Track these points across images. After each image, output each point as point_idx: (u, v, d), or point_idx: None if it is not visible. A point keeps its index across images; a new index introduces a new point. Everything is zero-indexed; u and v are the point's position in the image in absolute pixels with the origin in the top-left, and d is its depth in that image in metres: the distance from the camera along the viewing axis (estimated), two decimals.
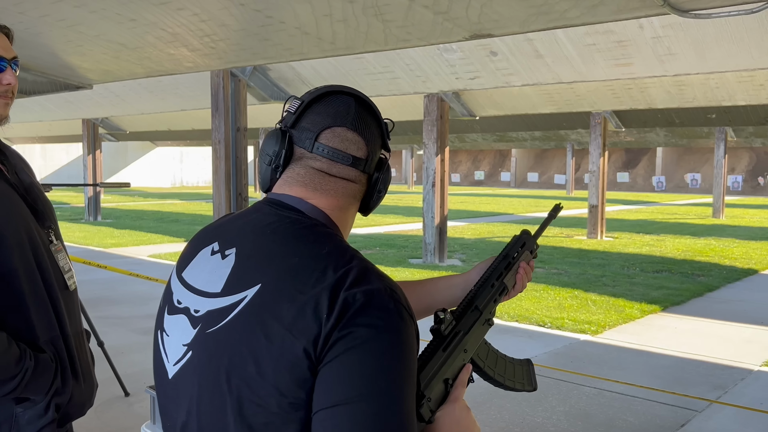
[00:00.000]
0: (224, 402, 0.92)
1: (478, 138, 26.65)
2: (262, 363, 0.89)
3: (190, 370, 0.97)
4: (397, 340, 0.90)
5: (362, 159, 1.05)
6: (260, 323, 0.91)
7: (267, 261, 0.96)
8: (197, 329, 0.97)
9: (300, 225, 1.00)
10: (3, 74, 1.52)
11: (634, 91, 9.80)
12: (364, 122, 1.06)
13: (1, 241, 1.43)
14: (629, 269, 10.22)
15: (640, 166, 44.06)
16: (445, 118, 10.45)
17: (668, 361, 5.53)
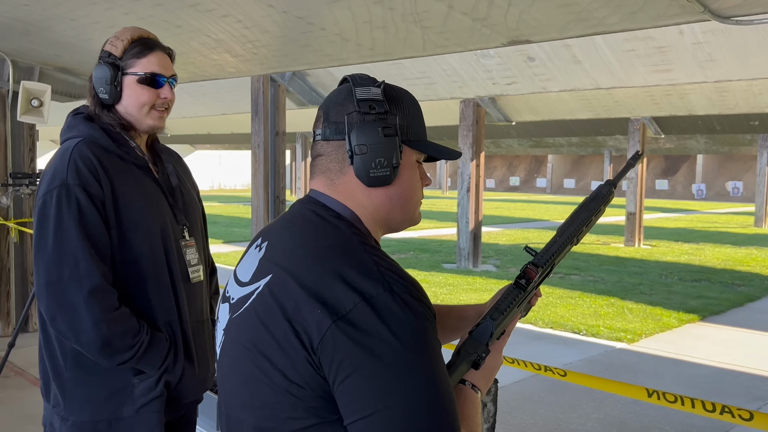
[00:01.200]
0: (243, 379, 1.00)
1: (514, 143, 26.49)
2: (266, 349, 0.96)
3: (222, 353, 1.08)
4: (410, 333, 0.91)
5: (320, 130, 1.08)
6: (267, 311, 0.98)
7: (280, 253, 1.03)
8: (230, 315, 1.07)
9: (315, 217, 1.05)
10: (161, 89, 1.73)
11: (674, 98, 9.67)
12: (332, 97, 1.09)
13: (136, 229, 1.64)
14: (667, 278, 10.07)
15: (680, 174, 43.24)
16: (481, 123, 10.45)
17: (706, 371, 5.45)
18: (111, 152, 1.68)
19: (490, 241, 14.29)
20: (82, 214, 1.58)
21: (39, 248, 1.60)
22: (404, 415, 0.89)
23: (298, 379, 0.93)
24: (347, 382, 0.90)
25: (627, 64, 6.42)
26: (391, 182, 1.06)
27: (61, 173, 1.61)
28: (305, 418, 0.95)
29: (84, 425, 1.64)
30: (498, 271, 10.53)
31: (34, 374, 4.97)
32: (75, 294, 1.55)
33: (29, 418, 4.13)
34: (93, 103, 1.74)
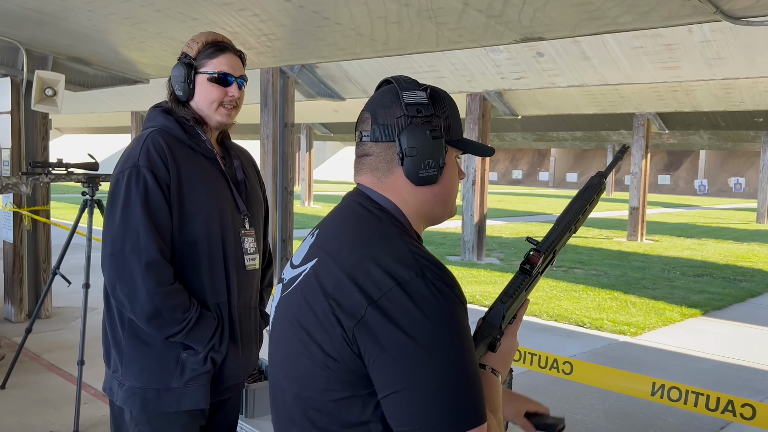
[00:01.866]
0: (287, 352, 1.10)
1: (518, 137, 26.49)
2: (308, 324, 1.05)
3: (273, 328, 1.18)
4: (442, 316, 0.98)
5: (367, 131, 1.14)
6: (311, 290, 1.07)
7: (327, 239, 1.13)
8: (281, 294, 1.17)
9: (360, 208, 1.13)
10: (229, 88, 1.87)
11: (680, 94, 9.72)
12: (378, 100, 1.14)
13: (197, 214, 1.77)
14: (670, 272, 10.15)
15: (682, 169, 43.24)
16: (487, 117, 10.50)
17: (708, 365, 5.54)
18: (182, 142, 1.82)
19: (494, 234, 14.37)
20: (147, 193, 1.71)
21: (108, 222, 1.75)
22: (434, 391, 0.95)
23: (335, 354, 1.01)
24: (381, 359, 0.97)
25: (635, 60, 6.47)
26: (437, 181, 1.13)
27: (134, 156, 1.76)
28: (339, 390, 1.02)
29: (136, 391, 1.75)
30: (502, 264, 10.61)
31: (48, 359, 5.07)
32: (134, 266, 1.68)
33: (45, 402, 4.22)
34: (170, 99, 1.89)
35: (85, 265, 4.10)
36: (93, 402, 4.23)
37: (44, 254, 6.31)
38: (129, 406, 1.77)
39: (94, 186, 4.16)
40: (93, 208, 4.17)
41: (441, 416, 0.95)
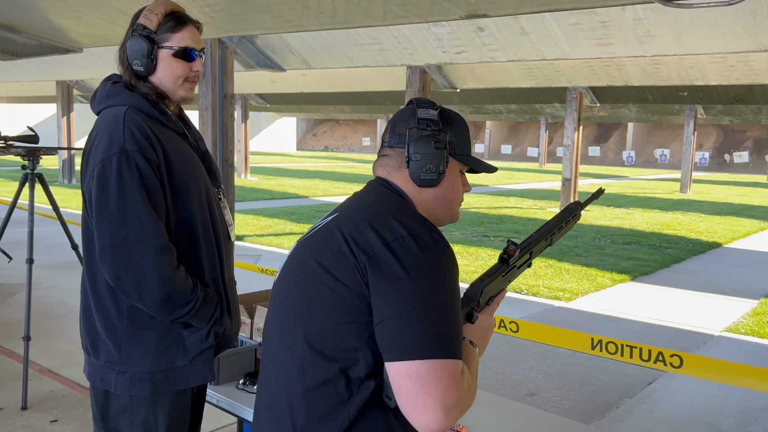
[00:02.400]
0: (296, 282, 1.28)
1: (455, 109, 26.77)
2: (322, 258, 1.23)
3: (287, 262, 1.36)
4: (440, 263, 1.18)
5: (387, 139, 1.37)
6: (328, 233, 1.26)
7: (349, 203, 1.34)
8: (299, 241, 1.36)
9: (382, 188, 1.34)
10: (194, 63, 1.83)
11: (612, 69, 10.07)
12: (400, 115, 1.37)
13: (187, 192, 1.75)
14: (600, 241, 10.61)
15: (612, 141, 44.72)
16: (427, 89, 10.60)
17: (637, 327, 5.89)
18: (156, 120, 1.76)
19: None
20: (142, 178, 1.66)
21: (101, 212, 1.67)
22: (423, 321, 1.13)
23: (345, 279, 1.18)
24: (384, 290, 1.15)
25: (572, 37, 6.69)
26: (437, 185, 1.33)
27: (118, 139, 1.68)
28: (343, 314, 1.18)
29: (142, 376, 1.74)
30: None
31: None
32: (141, 254, 1.64)
33: None
34: (127, 74, 1.80)
35: (28, 240, 4.02)
36: (39, 378, 4.18)
37: None
38: (134, 391, 1.74)
39: (35, 159, 4.06)
40: (34, 183, 4.07)
41: (424, 341, 1.12)
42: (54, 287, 6.50)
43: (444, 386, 1.10)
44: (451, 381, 1.11)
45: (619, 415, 4.00)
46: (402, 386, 1.11)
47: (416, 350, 1.11)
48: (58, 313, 5.68)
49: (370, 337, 1.17)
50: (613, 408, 4.11)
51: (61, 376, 4.25)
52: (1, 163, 23.71)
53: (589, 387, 4.43)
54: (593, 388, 4.41)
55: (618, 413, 4.03)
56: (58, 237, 6.97)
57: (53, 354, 4.63)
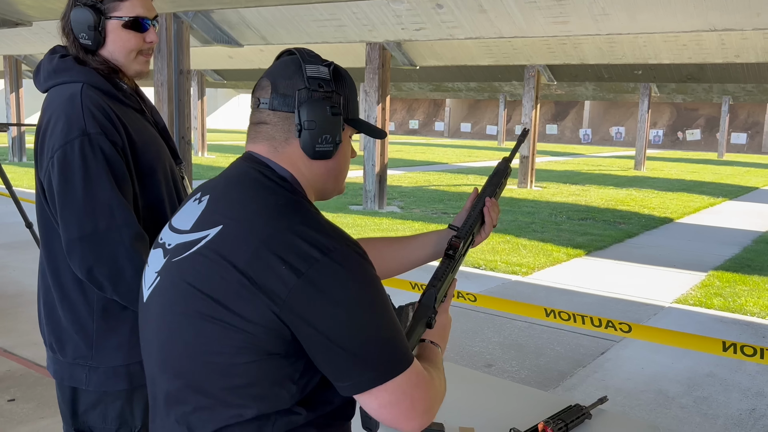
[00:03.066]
0: (185, 317, 1.06)
1: (415, 87, 26.83)
2: (216, 291, 1.02)
3: (157, 293, 1.12)
4: (366, 280, 1.04)
5: (266, 99, 1.13)
6: (218, 260, 1.03)
7: (230, 206, 1.09)
8: (166, 258, 1.13)
9: (262, 177, 1.12)
10: (147, 33, 1.67)
11: (568, 47, 10.21)
12: (279, 69, 1.15)
13: (153, 173, 1.64)
14: (557, 217, 10.83)
15: (568, 119, 45.39)
16: (387, 66, 10.61)
17: (591, 299, 6.07)
18: (113, 97, 1.63)
19: (394, 184, 14.67)
20: (109, 163, 1.54)
21: (66, 202, 1.54)
22: (373, 348, 1.03)
23: (255, 318, 1.00)
24: (314, 326, 1.00)
25: (529, 15, 6.76)
26: (332, 157, 1.15)
27: (78, 122, 1.54)
28: (253, 352, 1.02)
29: (117, 370, 1.65)
30: (402, 212, 10.92)
31: None
32: (114, 244, 1.54)
33: None
34: (74, 47, 1.65)
35: None
36: None
37: None
38: (109, 386, 1.66)
39: None
40: None
41: (380, 366, 1.04)
42: (6, 266, 6.36)
43: (417, 394, 1.07)
44: (420, 385, 1.08)
45: (572, 383, 4.14)
46: (382, 415, 1.07)
47: (376, 378, 1.03)
48: (12, 293, 5.57)
49: (296, 363, 1.05)
50: (567, 377, 4.25)
51: (17, 356, 4.19)
52: None
53: (544, 357, 4.56)
54: (548, 359, 4.54)
55: (571, 382, 4.17)
56: (9, 216, 6.81)
57: (8, 334, 4.56)
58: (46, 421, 3.35)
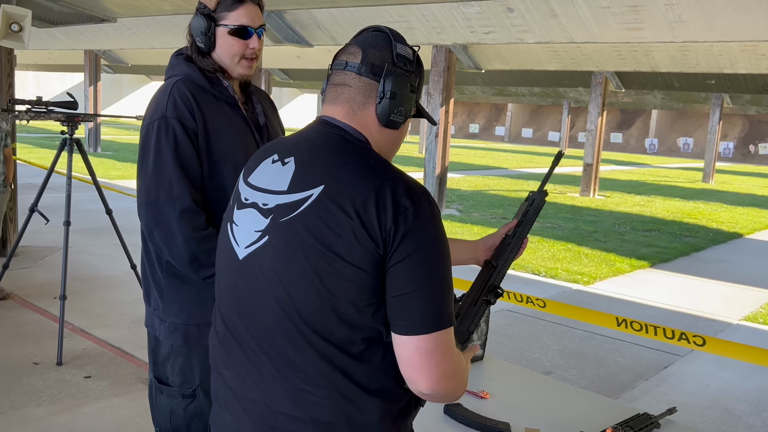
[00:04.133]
0: (306, 272, 1.16)
1: (477, 90, 26.64)
2: (333, 244, 1.13)
3: (268, 250, 1.20)
4: (442, 236, 1.17)
5: (355, 63, 1.23)
6: (328, 214, 1.14)
7: (327, 168, 1.19)
8: (270, 218, 1.21)
9: (344, 141, 1.22)
10: (250, 40, 1.86)
11: (639, 54, 10.00)
12: (370, 40, 1.24)
13: (224, 161, 1.82)
14: (620, 227, 10.61)
15: (634, 128, 44.25)
16: (452, 69, 10.61)
17: (654, 312, 5.94)
18: (206, 91, 1.84)
19: (453, 187, 14.65)
20: (177, 143, 1.76)
21: (141, 172, 1.80)
22: (431, 297, 1.15)
23: (365, 265, 1.13)
24: (398, 265, 1.14)
25: (601, 20, 6.66)
26: (398, 128, 1.27)
27: (162, 107, 1.79)
28: (369, 297, 1.15)
29: (177, 327, 1.86)
30: (461, 216, 10.90)
31: (21, 296, 5.12)
32: (169, 213, 1.75)
33: (24, 336, 4.31)
34: (191, 48, 1.89)
35: (65, 203, 4.15)
36: (72, 336, 4.33)
37: (10, 192, 6.24)
38: (171, 340, 1.87)
39: (74, 125, 4.17)
40: (72, 148, 4.19)
41: (434, 316, 1.15)
42: (83, 251, 6.67)
43: (446, 355, 1.16)
44: (451, 348, 1.17)
45: (634, 395, 4.08)
46: (410, 359, 1.15)
47: (427, 326, 1.14)
48: (87, 276, 5.85)
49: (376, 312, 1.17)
50: (628, 389, 4.18)
51: (93, 336, 4.40)
52: (29, 129, 24.03)
53: (605, 368, 4.51)
54: (609, 369, 4.48)
55: (633, 394, 4.10)
56: (90, 203, 7.14)
57: (84, 314, 4.79)
58: (120, 399, 3.51)
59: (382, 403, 1.21)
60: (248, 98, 1.98)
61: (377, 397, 1.21)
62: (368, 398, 1.20)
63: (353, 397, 1.19)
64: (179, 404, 1.88)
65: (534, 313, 5.61)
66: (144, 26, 10.65)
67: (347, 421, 1.20)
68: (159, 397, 1.92)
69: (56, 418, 3.26)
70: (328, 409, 1.19)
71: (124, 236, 4.57)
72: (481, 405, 1.97)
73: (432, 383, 1.16)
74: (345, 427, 1.20)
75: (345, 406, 1.20)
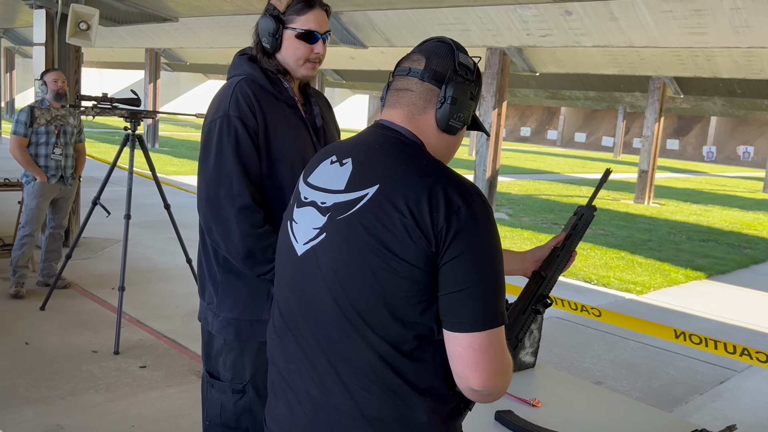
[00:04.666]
0: (361, 269, 1.19)
1: (530, 93, 26.32)
2: (387, 241, 1.17)
3: (325, 247, 1.24)
4: (494, 235, 1.19)
5: (418, 69, 1.27)
6: (383, 213, 1.17)
7: (382, 168, 1.23)
8: (327, 216, 1.25)
9: (400, 143, 1.26)
10: (315, 45, 1.91)
11: (701, 59, 9.72)
12: (433, 48, 1.28)
13: (283, 160, 1.85)
14: (675, 236, 10.34)
15: (692, 135, 43.02)
16: (506, 72, 10.51)
17: (710, 325, 5.77)
18: (267, 91, 1.88)
19: (503, 190, 14.53)
20: (238, 142, 1.80)
21: (202, 168, 1.85)
22: (485, 295, 1.17)
23: (418, 263, 1.15)
24: (451, 263, 1.15)
25: (663, 24, 6.50)
26: (455, 134, 1.30)
27: (224, 105, 1.83)
28: (421, 294, 1.17)
29: (230, 321, 1.89)
30: (511, 220, 10.80)
31: (81, 285, 5.31)
32: (228, 210, 1.78)
33: (83, 324, 4.47)
34: (256, 48, 1.93)
35: (126, 197, 4.28)
36: (129, 326, 4.47)
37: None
38: (224, 334, 1.90)
39: (136, 121, 4.30)
40: (134, 144, 4.32)
41: (487, 314, 1.16)
42: (141, 244, 6.86)
43: (499, 353, 1.18)
44: (503, 346, 1.19)
45: (688, 410, 3.97)
46: (463, 355, 1.17)
47: (480, 324, 1.16)
48: (144, 268, 6.02)
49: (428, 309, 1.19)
50: (682, 403, 4.08)
51: (149, 327, 4.53)
52: (91, 125, 24.86)
53: (657, 380, 4.40)
54: (662, 382, 4.38)
55: (687, 408, 4.00)
56: (149, 197, 7.34)
57: (141, 306, 4.93)
58: (173, 389, 3.61)
59: (431, 402, 1.23)
60: (307, 100, 2.01)
61: (427, 396, 1.22)
62: (418, 397, 1.21)
63: (403, 395, 1.21)
64: (229, 399, 1.91)
65: (585, 322, 5.52)
66: (204, 26, 10.89)
67: (397, 418, 1.22)
68: (210, 391, 1.95)
69: (112, 406, 3.37)
70: (379, 405, 1.21)
71: (180, 231, 4.69)
72: (533, 413, 1.95)
73: (483, 380, 1.17)
74: (395, 424, 1.22)
75: (395, 403, 1.21)
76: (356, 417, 1.22)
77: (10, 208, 6.51)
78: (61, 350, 4.01)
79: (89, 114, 4.20)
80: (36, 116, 4.75)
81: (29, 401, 3.34)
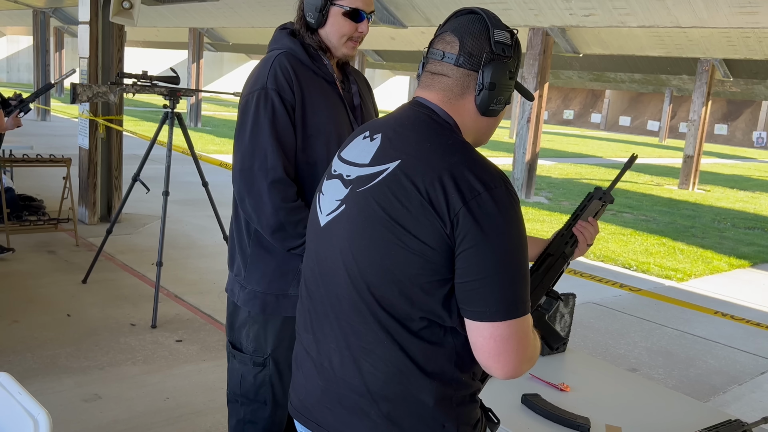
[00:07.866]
0: (374, 242, 1.18)
1: (573, 75, 25.81)
2: (401, 217, 1.15)
3: (343, 218, 1.24)
4: (517, 223, 1.15)
5: (452, 54, 1.22)
6: (400, 188, 1.16)
7: (406, 144, 1.21)
8: (349, 189, 1.24)
9: (431, 120, 1.23)
10: (360, 24, 1.90)
11: (752, 40, 9.38)
12: (467, 27, 1.22)
13: (318, 135, 1.86)
14: (720, 223, 10.07)
15: (741, 120, 41.69)
16: (548, 53, 10.32)
17: (753, 314, 5.61)
18: (306, 66, 1.88)
19: (543, 174, 14.33)
20: (275, 115, 1.80)
21: (238, 140, 1.86)
22: (506, 284, 1.13)
23: (431, 242, 1.13)
24: (470, 251, 1.12)
25: (711, 3, 6.28)
26: (497, 116, 1.27)
27: (262, 78, 1.84)
28: (431, 274, 1.15)
29: (256, 294, 1.91)
30: (550, 204, 10.65)
31: (121, 260, 5.43)
32: (261, 182, 1.79)
33: (123, 298, 4.58)
34: (300, 23, 1.92)
35: (165, 174, 4.35)
36: (166, 301, 4.56)
37: (116, 162, 6.63)
38: (249, 306, 1.91)
39: (175, 99, 4.36)
40: (173, 121, 4.38)
41: (508, 304, 1.14)
42: (180, 221, 6.98)
43: (523, 342, 1.16)
44: (527, 336, 1.17)
45: (725, 400, 3.89)
46: (485, 345, 1.15)
47: (501, 313, 1.13)
48: (182, 245, 6.13)
49: (448, 291, 1.17)
50: (719, 392, 3.99)
51: (185, 302, 4.62)
52: (136, 103, 25.33)
53: (695, 369, 4.31)
54: (699, 371, 4.29)
55: (724, 398, 3.91)
56: (188, 175, 7.44)
57: (178, 281, 5.03)
58: (207, 363, 3.68)
59: (439, 386, 1.21)
60: (345, 78, 2.01)
61: (434, 379, 1.20)
62: (425, 378, 1.20)
63: (410, 375, 1.20)
64: (250, 371, 1.94)
65: (622, 308, 5.43)
66: (245, 5, 10.93)
67: (402, 398, 1.20)
68: (232, 361, 1.99)
69: (149, 378, 3.45)
70: (383, 383, 1.21)
71: (218, 208, 4.75)
72: (561, 398, 1.93)
73: (508, 370, 1.16)
74: (400, 405, 1.20)
75: (401, 382, 1.20)
76: (363, 392, 1.22)
77: (56, 184, 6.70)
78: (101, 323, 4.12)
79: (129, 91, 4.26)
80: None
81: (69, 371, 3.44)
